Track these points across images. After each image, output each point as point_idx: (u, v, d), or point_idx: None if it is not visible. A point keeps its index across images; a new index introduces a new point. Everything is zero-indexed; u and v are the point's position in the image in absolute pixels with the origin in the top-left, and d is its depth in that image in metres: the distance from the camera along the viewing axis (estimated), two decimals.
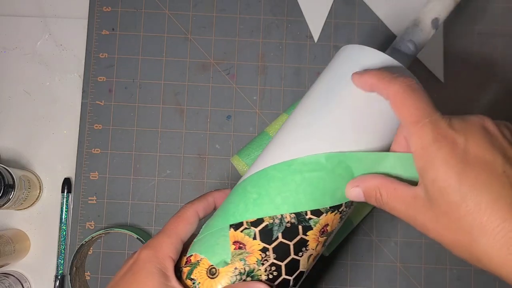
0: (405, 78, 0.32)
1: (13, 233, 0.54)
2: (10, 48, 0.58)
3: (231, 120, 0.56)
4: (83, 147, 0.56)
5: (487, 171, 0.29)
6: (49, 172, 0.56)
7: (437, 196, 0.30)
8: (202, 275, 0.36)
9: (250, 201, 0.36)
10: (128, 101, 0.56)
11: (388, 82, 0.32)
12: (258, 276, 0.35)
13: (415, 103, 0.31)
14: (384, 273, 0.54)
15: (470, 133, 0.30)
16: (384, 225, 0.55)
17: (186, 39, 0.57)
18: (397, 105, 0.32)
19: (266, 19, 0.58)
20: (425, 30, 0.43)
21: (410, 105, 0.31)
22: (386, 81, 0.32)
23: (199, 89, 0.57)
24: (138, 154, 0.56)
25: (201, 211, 0.38)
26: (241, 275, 0.35)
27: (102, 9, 0.57)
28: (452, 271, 0.54)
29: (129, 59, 0.57)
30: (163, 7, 0.58)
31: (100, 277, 0.54)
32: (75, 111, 0.57)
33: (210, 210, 0.39)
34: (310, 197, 0.36)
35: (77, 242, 0.54)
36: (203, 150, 0.56)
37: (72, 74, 0.58)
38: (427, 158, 0.30)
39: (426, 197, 0.30)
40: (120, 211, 0.55)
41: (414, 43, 0.43)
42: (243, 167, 0.51)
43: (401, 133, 0.34)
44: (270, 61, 0.57)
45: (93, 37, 0.57)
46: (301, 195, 0.35)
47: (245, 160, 0.51)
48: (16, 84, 0.57)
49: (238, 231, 0.36)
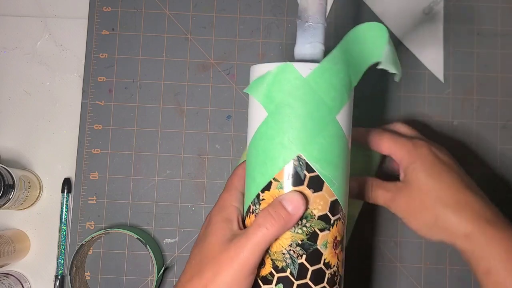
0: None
1: (13, 233, 0.54)
2: (10, 48, 0.58)
3: (231, 120, 0.56)
4: (83, 147, 0.56)
5: (445, 169, 0.46)
6: (49, 172, 0.56)
7: (415, 185, 0.45)
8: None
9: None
10: (128, 101, 0.56)
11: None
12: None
13: (406, 149, 0.47)
14: (384, 273, 0.54)
15: (442, 151, 0.48)
16: (384, 225, 0.55)
17: (186, 39, 0.57)
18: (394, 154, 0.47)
19: (266, 19, 0.58)
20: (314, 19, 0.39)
21: (402, 153, 0.47)
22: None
23: (199, 89, 0.57)
24: (138, 154, 0.56)
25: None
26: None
27: (102, 9, 0.57)
28: (452, 271, 0.54)
29: (129, 59, 0.57)
30: (163, 7, 0.58)
31: (100, 277, 0.54)
32: (75, 111, 0.57)
33: None
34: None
35: (77, 242, 0.54)
36: (203, 150, 0.56)
37: (72, 74, 0.58)
38: (411, 161, 0.46)
39: (406, 186, 0.46)
40: (120, 211, 0.55)
41: (307, 39, 0.39)
42: None
43: (384, 145, 0.48)
44: (270, 61, 0.57)
45: (93, 37, 0.57)
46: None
47: None
48: (16, 84, 0.57)
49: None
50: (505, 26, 0.58)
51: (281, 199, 0.37)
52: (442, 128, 0.56)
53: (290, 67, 0.36)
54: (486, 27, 0.58)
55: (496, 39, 0.58)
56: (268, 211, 0.36)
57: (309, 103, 0.36)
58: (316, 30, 0.39)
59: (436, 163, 0.45)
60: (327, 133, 0.37)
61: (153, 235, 0.55)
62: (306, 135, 0.36)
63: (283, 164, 0.37)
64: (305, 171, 0.37)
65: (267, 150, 0.37)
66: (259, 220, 0.36)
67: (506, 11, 0.58)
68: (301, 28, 0.39)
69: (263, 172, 0.37)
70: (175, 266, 0.54)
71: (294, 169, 0.37)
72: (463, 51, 0.57)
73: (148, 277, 0.54)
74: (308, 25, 0.39)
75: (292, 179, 0.37)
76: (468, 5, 0.58)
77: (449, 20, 0.58)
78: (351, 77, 0.38)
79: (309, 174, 0.37)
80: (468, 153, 0.56)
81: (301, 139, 0.36)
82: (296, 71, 0.36)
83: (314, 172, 0.37)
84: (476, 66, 0.57)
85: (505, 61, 0.57)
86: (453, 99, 0.57)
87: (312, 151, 0.36)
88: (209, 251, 0.37)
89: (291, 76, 0.36)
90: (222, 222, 0.38)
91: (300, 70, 0.36)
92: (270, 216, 0.36)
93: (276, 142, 0.37)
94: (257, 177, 0.38)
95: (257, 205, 0.38)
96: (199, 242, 0.39)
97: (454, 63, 0.57)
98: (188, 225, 0.55)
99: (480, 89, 0.57)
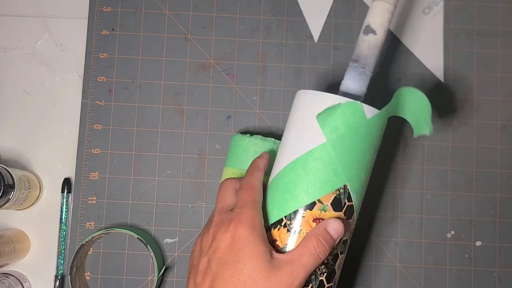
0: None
1: (13, 233, 0.54)
2: (10, 48, 0.58)
3: (231, 120, 0.56)
4: (83, 147, 0.56)
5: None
6: (49, 172, 0.56)
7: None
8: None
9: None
10: (128, 101, 0.56)
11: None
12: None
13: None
14: (384, 273, 0.54)
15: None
16: (384, 225, 0.55)
17: (186, 39, 0.57)
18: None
19: (266, 19, 0.58)
20: (363, 62, 0.43)
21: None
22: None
23: (199, 89, 0.57)
24: (138, 154, 0.56)
25: (261, 177, 0.43)
26: None
27: (102, 9, 0.57)
28: (452, 271, 0.54)
29: (129, 59, 0.57)
30: (163, 7, 0.58)
31: (100, 277, 0.54)
32: (75, 111, 0.57)
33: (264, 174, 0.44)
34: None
35: (77, 242, 0.54)
36: (203, 150, 0.56)
37: (72, 74, 0.58)
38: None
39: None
40: (120, 211, 0.55)
41: (357, 81, 0.43)
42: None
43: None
44: (270, 61, 0.57)
45: (93, 37, 0.57)
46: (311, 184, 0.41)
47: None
48: (16, 84, 0.57)
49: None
50: (505, 26, 0.58)
51: (327, 227, 0.39)
52: (442, 128, 0.56)
53: (359, 106, 0.40)
54: (486, 27, 0.58)
55: (496, 39, 0.58)
56: (319, 240, 0.38)
57: (364, 142, 0.41)
58: (367, 77, 0.44)
59: None
60: (367, 170, 0.42)
61: (153, 235, 0.55)
62: (355, 168, 0.41)
63: (332, 189, 0.40)
64: (346, 200, 0.41)
65: (318, 173, 0.40)
66: (311, 248, 0.38)
67: (506, 11, 0.58)
68: (355, 71, 0.44)
69: (309, 192, 0.40)
70: (175, 266, 0.54)
71: (338, 196, 0.40)
72: (463, 51, 0.57)
73: (148, 277, 0.54)
74: (363, 71, 0.43)
75: (335, 204, 0.40)
76: (468, 5, 0.58)
77: (449, 20, 0.58)
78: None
79: (348, 202, 0.41)
80: (468, 153, 0.56)
81: (351, 171, 0.41)
82: (363, 111, 0.40)
83: (351, 202, 0.41)
84: (476, 66, 0.57)
85: (505, 61, 0.57)
86: (453, 99, 0.57)
87: (355, 183, 0.41)
88: (252, 278, 0.37)
89: (357, 114, 0.40)
90: (260, 245, 0.38)
91: (366, 111, 0.41)
92: (322, 245, 0.38)
93: (330, 168, 0.40)
94: (300, 195, 0.40)
95: (293, 220, 0.40)
96: (230, 264, 0.37)
97: (454, 63, 0.57)
98: (188, 225, 0.55)
99: (480, 89, 0.57)
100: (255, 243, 0.37)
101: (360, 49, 0.43)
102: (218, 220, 0.40)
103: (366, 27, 0.43)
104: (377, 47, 0.43)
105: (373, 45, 0.43)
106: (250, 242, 0.37)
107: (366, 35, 0.43)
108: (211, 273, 0.38)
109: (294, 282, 0.37)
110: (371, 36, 0.43)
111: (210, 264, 0.38)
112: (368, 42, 0.43)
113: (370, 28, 0.43)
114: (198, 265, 0.39)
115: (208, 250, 0.39)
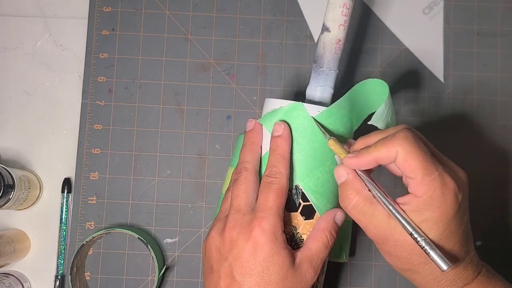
0: (401, 134, 0.37)
1: (13, 233, 0.54)
2: (10, 48, 0.58)
3: (231, 120, 0.56)
4: (83, 147, 0.56)
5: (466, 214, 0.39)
6: (49, 172, 0.56)
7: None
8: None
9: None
10: (128, 101, 0.56)
11: (388, 146, 0.37)
12: None
13: (424, 157, 0.36)
14: (384, 273, 0.54)
15: (463, 188, 0.38)
16: None
17: (186, 39, 0.57)
18: (406, 161, 0.36)
19: (266, 19, 0.58)
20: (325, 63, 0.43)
21: (420, 160, 0.36)
22: (386, 146, 0.37)
23: (199, 89, 0.57)
24: (138, 154, 0.56)
25: (288, 173, 0.42)
26: None
27: (102, 9, 0.57)
28: None
29: (129, 59, 0.57)
30: (163, 7, 0.58)
31: (100, 277, 0.54)
32: (75, 111, 0.57)
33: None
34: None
35: (77, 242, 0.54)
36: (203, 150, 0.56)
37: (72, 74, 0.58)
38: (435, 204, 0.36)
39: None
40: (120, 211, 0.55)
41: (320, 80, 0.43)
42: None
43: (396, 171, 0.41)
44: (270, 61, 0.57)
45: (93, 37, 0.57)
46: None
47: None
48: (16, 84, 0.57)
49: None
50: (505, 26, 0.58)
51: (336, 219, 0.41)
52: (442, 128, 0.56)
53: (300, 107, 0.41)
54: (486, 27, 0.58)
55: (496, 39, 0.58)
56: (331, 233, 0.40)
57: (312, 141, 0.41)
58: (329, 76, 0.43)
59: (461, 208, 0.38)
60: (324, 168, 0.41)
61: (153, 235, 0.55)
62: (305, 168, 0.41)
63: None
64: (301, 200, 0.41)
65: None
66: (325, 242, 0.40)
67: (506, 11, 0.58)
68: (315, 72, 0.43)
69: None
70: (176, 266, 0.54)
71: (291, 196, 0.41)
72: (463, 51, 0.57)
73: (148, 277, 0.54)
74: (322, 70, 0.43)
75: (288, 205, 0.41)
76: (468, 5, 0.58)
77: (449, 20, 0.58)
78: (353, 122, 0.42)
79: (303, 203, 0.41)
80: (468, 153, 0.56)
81: (301, 171, 0.41)
82: (306, 111, 0.41)
83: (308, 202, 0.41)
84: (476, 66, 0.57)
85: (505, 61, 0.57)
86: (453, 99, 0.57)
87: (309, 183, 0.41)
88: (279, 284, 0.38)
89: (300, 115, 0.41)
90: (282, 251, 0.38)
91: (309, 111, 0.41)
92: (333, 237, 0.40)
93: None
94: None
95: None
96: (255, 275, 0.37)
97: (454, 63, 0.57)
98: (188, 225, 0.55)
99: (480, 89, 0.57)
100: (279, 252, 0.38)
101: (317, 48, 0.43)
102: (234, 222, 0.39)
103: (322, 26, 0.43)
104: (333, 44, 0.42)
105: (328, 42, 0.42)
106: (275, 252, 0.38)
107: (321, 33, 0.43)
108: (236, 284, 0.38)
109: (316, 274, 0.39)
110: (326, 34, 0.42)
111: (233, 273, 0.38)
112: (323, 40, 0.43)
113: (324, 26, 0.43)
114: (219, 270, 0.39)
115: (228, 256, 0.38)
